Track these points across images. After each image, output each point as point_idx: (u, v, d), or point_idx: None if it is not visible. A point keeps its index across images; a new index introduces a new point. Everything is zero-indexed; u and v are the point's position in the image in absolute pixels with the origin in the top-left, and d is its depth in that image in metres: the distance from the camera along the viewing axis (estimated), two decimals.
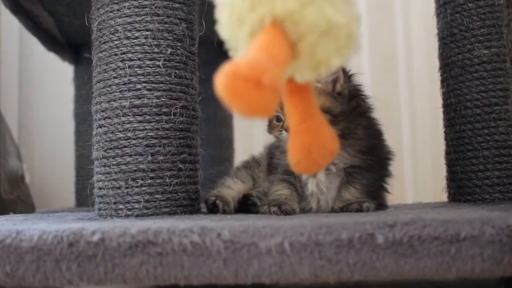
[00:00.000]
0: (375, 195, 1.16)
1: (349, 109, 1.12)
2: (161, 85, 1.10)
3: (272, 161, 1.23)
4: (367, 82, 2.37)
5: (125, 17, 1.11)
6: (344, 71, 1.13)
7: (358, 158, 1.12)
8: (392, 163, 1.22)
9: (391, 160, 1.21)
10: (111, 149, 1.10)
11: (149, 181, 1.08)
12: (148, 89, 1.09)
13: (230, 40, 0.71)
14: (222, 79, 0.58)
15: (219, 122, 1.99)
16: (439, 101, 1.41)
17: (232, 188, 1.24)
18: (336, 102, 1.10)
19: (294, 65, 0.69)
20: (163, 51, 1.11)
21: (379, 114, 1.20)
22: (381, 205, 1.18)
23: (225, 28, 0.70)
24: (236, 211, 1.20)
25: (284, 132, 1.10)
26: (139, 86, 1.10)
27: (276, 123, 1.14)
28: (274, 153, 1.23)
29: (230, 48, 0.72)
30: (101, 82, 1.13)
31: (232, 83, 0.58)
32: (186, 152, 1.13)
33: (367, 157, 1.13)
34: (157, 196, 1.09)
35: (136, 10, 1.10)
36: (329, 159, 0.77)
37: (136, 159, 1.08)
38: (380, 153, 1.18)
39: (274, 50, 0.63)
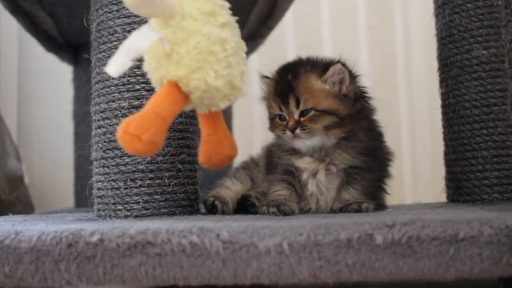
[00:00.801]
0: (374, 196, 1.16)
1: (354, 111, 1.12)
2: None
3: (271, 160, 1.23)
4: (366, 82, 2.37)
5: (124, 17, 1.11)
6: (350, 72, 1.13)
7: (358, 159, 1.12)
8: (392, 164, 1.22)
9: (391, 161, 1.22)
10: (110, 149, 1.10)
11: (148, 181, 1.08)
12: (146, 90, 1.09)
13: (150, 81, 0.94)
14: (118, 132, 0.84)
15: None
16: (438, 102, 1.41)
17: (231, 188, 1.24)
18: (343, 104, 1.10)
19: (193, 105, 0.92)
20: None
21: (378, 114, 1.20)
22: (380, 206, 1.18)
23: (147, 72, 0.93)
24: (234, 212, 1.20)
25: (288, 132, 1.10)
26: (137, 87, 1.10)
27: (279, 122, 1.14)
28: (274, 152, 1.22)
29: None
30: (100, 83, 1.13)
31: (123, 136, 0.83)
32: (185, 152, 1.13)
33: (368, 158, 1.13)
34: (156, 196, 1.09)
35: None
36: (227, 162, 1.01)
37: (135, 159, 1.08)
38: (380, 155, 1.18)
39: (161, 108, 0.86)
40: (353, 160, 1.12)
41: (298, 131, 1.09)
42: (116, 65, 0.84)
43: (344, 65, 1.11)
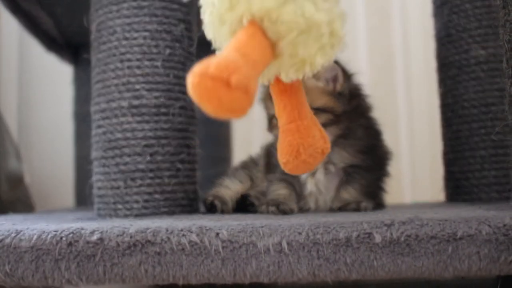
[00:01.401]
0: (373, 195, 1.17)
1: (350, 109, 1.12)
2: (159, 85, 1.10)
3: (271, 160, 1.23)
4: (365, 82, 2.37)
5: (123, 18, 1.11)
6: (344, 70, 1.13)
7: (357, 158, 1.13)
8: (390, 163, 1.22)
9: (390, 160, 1.22)
10: (110, 149, 1.10)
11: (148, 181, 1.09)
12: (146, 90, 1.10)
13: (214, 40, 0.71)
14: (191, 78, 0.59)
15: (217, 123, 1.98)
16: (437, 101, 1.41)
17: (230, 188, 1.24)
18: (338, 102, 1.10)
19: (278, 64, 0.69)
20: (162, 52, 1.11)
21: (377, 114, 1.21)
22: (378, 205, 1.18)
23: (208, 28, 0.70)
24: (234, 211, 1.21)
25: None
26: (137, 87, 1.10)
27: (276, 122, 1.14)
28: (273, 152, 1.23)
29: (215, 48, 0.71)
30: (100, 83, 1.13)
31: (200, 82, 0.58)
32: (184, 152, 1.13)
33: (366, 157, 1.13)
34: (156, 196, 1.09)
35: (135, 11, 1.11)
36: (320, 159, 0.76)
37: (135, 159, 1.08)
38: (379, 153, 1.18)
39: (248, 50, 0.63)
40: (352, 159, 1.12)
41: None
42: None
43: (336, 62, 1.11)
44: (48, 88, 2.47)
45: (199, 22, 0.75)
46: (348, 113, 1.11)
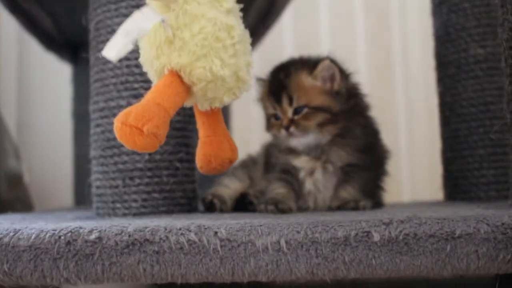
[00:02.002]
0: (372, 193, 1.17)
1: (348, 108, 1.12)
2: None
3: (269, 160, 1.23)
4: (364, 81, 2.36)
5: (122, 16, 1.11)
6: (341, 70, 1.13)
7: (355, 157, 1.13)
8: (389, 161, 1.23)
9: (388, 159, 1.22)
10: (108, 148, 1.10)
11: (147, 180, 1.09)
12: (145, 89, 1.09)
13: (148, 74, 0.87)
14: (115, 124, 0.76)
15: None
16: (435, 100, 1.41)
17: (229, 187, 1.24)
18: (335, 101, 1.11)
19: (193, 99, 0.86)
20: None
21: (376, 113, 1.21)
22: (377, 204, 1.18)
23: (143, 64, 0.87)
24: (233, 210, 1.21)
25: (283, 131, 1.11)
26: (136, 86, 1.10)
27: (274, 122, 1.15)
28: (271, 152, 1.23)
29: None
30: (98, 82, 1.13)
31: (121, 128, 0.75)
32: (183, 151, 1.13)
33: (364, 156, 1.13)
34: (154, 195, 1.09)
35: (133, 9, 1.09)
36: (228, 166, 0.94)
37: (134, 158, 1.08)
38: (377, 152, 1.19)
39: (163, 100, 0.79)
40: (350, 158, 1.13)
41: (292, 129, 1.10)
42: (115, 48, 0.79)
43: (333, 61, 1.12)
44: (47, 87, 2.47)
45: None
46: (346, 112, 1.12)
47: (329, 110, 1.10)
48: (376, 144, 1.19)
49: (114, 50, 0.79)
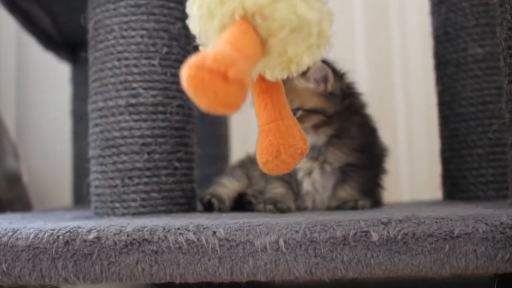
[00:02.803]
0: (371, 192, 1.17)
1: (343, 108, 1.12)
2: (157, 84, 1.10)
3: None
4: (363, 80, 2.37)
5: (121, 16, 1.11)
6: (334, 70, 1.13)
7: (352, 157, 1.13)
8: (387, 160, 1.22)
9: (386, 157, 1.22)
10: (107, 148, 1.10)
11: (145, 179, 1.09)
12: (144, 88, 1.10)
13: (201, 35, 0.70)
14: (187, 71, 0.57)
15: (215, 121, 1.99)
16: (434, 100, 1.41)
17: (228, 186, 1.24)
18: (329, 102, 1.10)
19: (264, 62, 0.69)
20: (159, 50, 1.11)
21: (375, 112, 1.21)
22: (376, 203, 1.18)
23: (195, 22, 0.69)
24: (231, 210, 1.21)
25: None
26: (135, 85, 1.10)
27: None
28: None
29: (200, 44, 0.71)
30: (97, 81, 1.13)
31: (197, 74, 0.56)
32: (182, 150, 1.13)
33: (362, 155, 1.13)
34: (153, 194, 1.09)
35: (132, 9, 1.11)
36: (299, 160, 0.75)
37: (132, 157, 1.08)
38: (374, 151, 1.18)
39: (242, 45, 0.62)
40: (347, 158, 1.12)
41: None
42: None
43: (325, 62, 1.10)
44: (46, 87, 2.46)
45: None
46: (341, 113, 1.11)
47: (323, 112, 1.09)
48: (373, 142, 1.19)
49: None
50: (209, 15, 0.67)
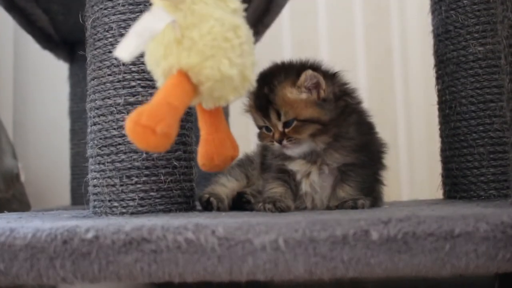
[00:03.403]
0: (371, 189, 1.16)
1: (338, 111, 1.10)
2: (155, 82, 1.09)
3: (265, 160, 1.22)
4: (363, 79, 2.37)
5: (119, 14, 1.10)
6: (325, 74, 1.11)
7: (351, 157, 1.12)
8: (387, 156, 1.21)
9: (385, 153, 1.21)
10: (105, 146, 1.10)
11: (144, 178, 1.08)
12: (142, 87, 1.09)
13: (152, 74, 0.87)
14: (127, 124, 0.75)
15: None
16: (435, 98, 1.41)
17: (226, 186, 1.24)
18: (323, 109, 1.08)
19: (199, 98, 0.86)
20: None
21: (375, 110, 1.20)
22: (376, 199, 1.17)
23: (148, 64, 0.87)
24: (230, 209, 1.20)
25: (276, 144, 1.09)
26: (133, 84, 1.09)
27: (266, 133, 1.13)
28: (266, 155, 1.22)
29: (153, 78, 0.88)
30: (95, 80, 1.13)
31: (134, 128, 0.75)
32: (180, 149, 1.13)
33: (360, 154, 1.12)
34: (152, 193, 1.08)
35: (130, 7, 1.10)
36: (229, 163, 0.96)
37: (131, 156, 1.08)
38: (373, 148, 1.17)
39: (173, 98, 0.79)
40: (345, 158, 1.11)
41: (285, 142, 1.08)
42: (128, 48, 0.77)
43: (315, 68, 1.09)
44: (44, 85, 2.46)
45: None
46: (337, 116, 1.10)
47: (319, 121, 1.08)
48: (371, 140, 1.18)
49: (127, 51, 0.77)
50: (155, 63, 0.85)
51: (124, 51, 0.77)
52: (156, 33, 0.80)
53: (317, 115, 1.08)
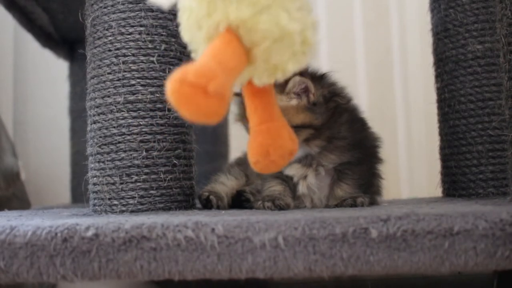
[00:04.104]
0: (368, 185, 1.16)
1: (329, 113, 1.09)
2: (155, 80, 1.10)
3: None
4: (362, 77, 2.37)
5: (119, 12, 1.10)
6: (313, 77, 1.10)
7: (345, 156, 1.11)
8: (386, 154, 1.21)
9: (379, 147, 1.20)
10: (105, 145, 1.10)
11: (144, 176, 1.08)
12: (142, 85, 1.09)
13: (191, 43, 0.74)
14: (170, 85, 0.62)
15: None
16: (434, 96, 1.41)
17: (226, 184, 1.24)
18: (315, 114, 1.07)
19: (251, 69, 0.72)
20: (157, 47, 1.11)
21: (374, 109, 1.20)
22: (375, 194, 1.17)
23: (185, 31, 0.73)
24: (230, 207, 1.20)
25: None
26: (133, 82, 1.09)
27: None
28: None
29: (191, 50, 0.75)
30: (95, 78, 1.13)
31: (179, 88, 0.61)
32: (180, 147, 1.13)
33: (355, 152, 1.11)
34: (151, 191, 1.09)
35: (130, 5, 1.10)
36: (288, 159, 0.80)
37: (131, 154, 1.08)
38: (367, 144, 1.16)
39: (225, 57, 0.66)
40: (341, 158, 1.11)
41: None
42: None
43: (302, 73, 1.05)
44: (44, 84, 2.46)
45: None
46: (328, 119, 1.09)
47: (311, 126, 1.07)
48: (365, 136, 1.17)
49: None
50: (197, 25, 0.71)
51: None
52: None
53: (309, 120, 1.07)
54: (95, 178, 1.12)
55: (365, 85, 2.22)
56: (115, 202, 1.08)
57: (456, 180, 1.32)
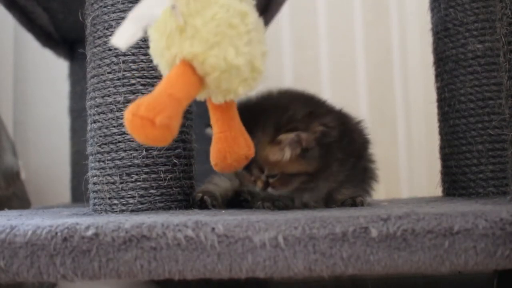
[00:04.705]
0: (363, 182, 1.17)
1: (322, 153, 1.05)
2: (155, 80, 1.10)
3: None
4: (362, 77, 2.37)
5: (119, 12, 1.10)
6: (303, 120, 1.03)
7: (340, 178, 1.11)
8: (386, 154, 1.21)
9: (369, 148, 1.19)
10: (105, 144, 1.10)
11: (144, 176, 1.08)
12: (142, 84, 1.09)
13: (158, 66, 0.84)
14: (126, 116, 0.73)
15: None
16: (434, 96, 1.41)
17: (219, 185, 1.22)
18: (309, 160, 1.03)
19: (207, 91, 0.82)
20: None
21: (374, 109, 1.20)
22: (365, 191, 1.18)
23: (153, 56, 0.84)
24: (228, 208, 1.19)
25: (258, 183, 1.06)
26: (133, 81, 1.09)
27: (246, 174, 1.09)
28: None
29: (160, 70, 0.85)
30: (95, 78, 1.13)
31: (132, 120, 0.72)
32: (180, 147, 1.13)
33: (347, 173, 1.11)
34: (151, 191, 1.08)
35: (130, 5, 1.10)
36: (244, 162, 0.92)
37: (131, 154, 1.08)
38: (361, 163, 1.16)
39: (176, 89, 0.75)
40: (336, 182, 1.10)
41: (270, 189, 1.06)
42: (125, 35, 0.74)
43: (291, 120, 1.02)
44: (44, 83, 2.46)
45: None
46: (321, 160, 1.05)
47: (306, 173, 1.04)
48: (359, 161, 1.15)
49: (123, 38, 0.74)
50: (159, 54, 0.82)
51: (120, 38, 0.75)
52: (154, 19, 0.77)
53: (304, 168, 1.04)
54: (95, 178, 1.12)
55: (365, 85, 2.22)
56: (115, 201, 1.08)
57: (456, 180, 1.32)
